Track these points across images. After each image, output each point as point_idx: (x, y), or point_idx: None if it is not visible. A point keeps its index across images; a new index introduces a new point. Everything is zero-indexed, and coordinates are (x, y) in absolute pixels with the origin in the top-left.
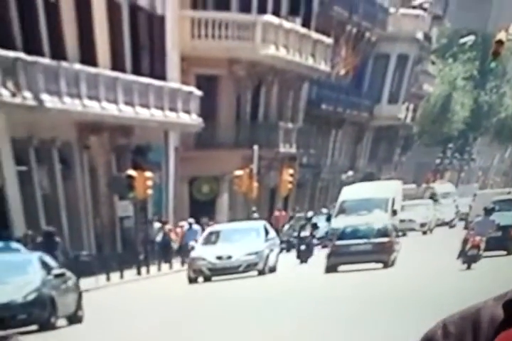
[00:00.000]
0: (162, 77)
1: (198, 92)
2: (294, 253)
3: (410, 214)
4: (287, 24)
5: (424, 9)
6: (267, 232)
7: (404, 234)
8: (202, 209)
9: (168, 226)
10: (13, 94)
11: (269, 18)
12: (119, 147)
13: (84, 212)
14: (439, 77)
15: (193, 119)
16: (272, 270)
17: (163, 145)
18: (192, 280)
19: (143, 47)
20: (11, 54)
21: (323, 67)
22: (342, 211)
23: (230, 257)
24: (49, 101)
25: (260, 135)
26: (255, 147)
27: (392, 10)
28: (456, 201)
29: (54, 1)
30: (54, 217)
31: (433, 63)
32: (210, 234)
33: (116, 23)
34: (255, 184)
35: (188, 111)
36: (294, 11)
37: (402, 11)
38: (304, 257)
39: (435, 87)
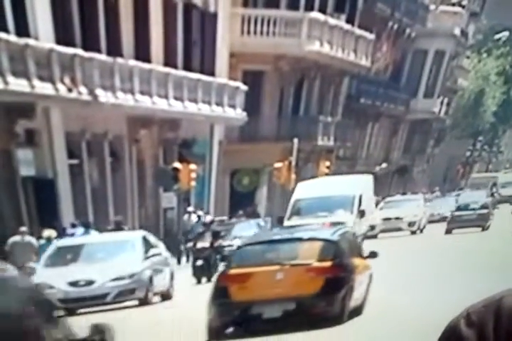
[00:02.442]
0: (211, 72)
1: (244, 87)
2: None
3: (397, 212)
4: (332, 21)
5: (463, 6)
6: (149, 246)
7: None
8: (242, 201)
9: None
10: (70, 90)
11: (315, 15)
12: (167, 140)
13: (131, 203)
14: (473, 71)
15: (237, 113)
16: (166, 297)
17: (208, 139)
18: None
19: (195, 44)
20: (70, 50)
21: (364, 62)
22: (296, 212)
23: (91, 282)
24: (103, 96)
25: (300, 128)
26: (295, 140)
27: (432, 7)
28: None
29: (113, 0)
30: (101, 208)
31: (468, 58)
32: (60, 250)
33: (171, 21)
34: (293, 176)
35: (233, 106)
36: (340, 8)
37: (442, 7)
38: (200, 276)
39: (469, 82)
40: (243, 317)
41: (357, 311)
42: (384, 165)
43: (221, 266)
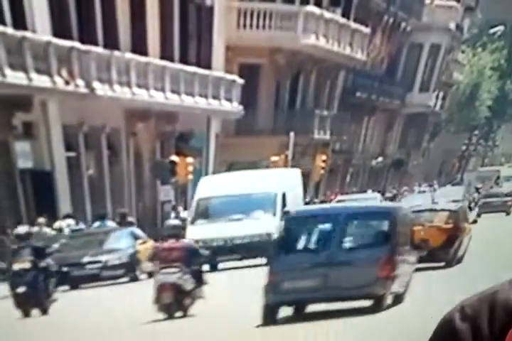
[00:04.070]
0: (208, 65)
1: (240, 81)
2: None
3: None
4: (328, 14)
5: (458, 0)
6: None
7: None
8: None
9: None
10: (67, 82)
11: (311, 8)
12: (164, 133)
13: (128, 196)
14: (468, 65)
15: (234, 107)
16: None
17: (205, 132)
18: None
19: (191, 37)
20: (67, 43)
21: (360, 56)
22: (202, 214)
23: None
24: (100, 89)
25: (297, 122)
26: (291, 134)
27: (427, 1)
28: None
29: None
30: (99, 201)
31: (463, 52)
32: None
33: (168, 14)
34: None
35: (230, 99)
36: (335, 1)
37: (437, 2)
38: (26, 307)
39: (464, 76)
40: None
41: (460, 260)
42: (380, 158)
43: (54, 291)
